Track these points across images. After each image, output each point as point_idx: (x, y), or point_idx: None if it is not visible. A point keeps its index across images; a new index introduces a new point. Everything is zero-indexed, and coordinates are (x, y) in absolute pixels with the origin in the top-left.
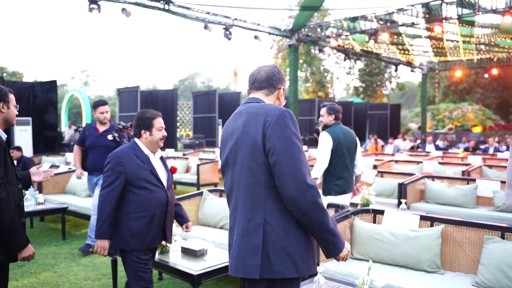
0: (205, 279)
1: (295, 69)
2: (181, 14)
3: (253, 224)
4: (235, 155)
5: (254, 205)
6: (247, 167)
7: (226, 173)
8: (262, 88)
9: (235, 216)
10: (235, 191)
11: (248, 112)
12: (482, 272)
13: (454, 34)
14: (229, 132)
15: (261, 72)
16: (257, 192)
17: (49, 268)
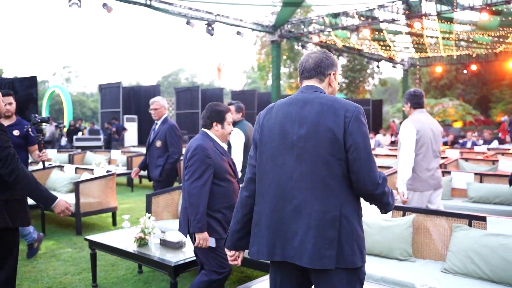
0: (184, 270)
1: (277, 65)
2: (163, 10)
3: (330, 217)
4: (304, 145)
5: (329, 198)
6: (323, 160)
7: (276, 158)
8: (312, 77)
9: (293, 207)
10: (295, 181)
11: (320, 102)
12: (450, 259)
13: (434, 30)
14: (291, 118)
15: (309, 60)
16: (333, 185)
17: (28, 263)
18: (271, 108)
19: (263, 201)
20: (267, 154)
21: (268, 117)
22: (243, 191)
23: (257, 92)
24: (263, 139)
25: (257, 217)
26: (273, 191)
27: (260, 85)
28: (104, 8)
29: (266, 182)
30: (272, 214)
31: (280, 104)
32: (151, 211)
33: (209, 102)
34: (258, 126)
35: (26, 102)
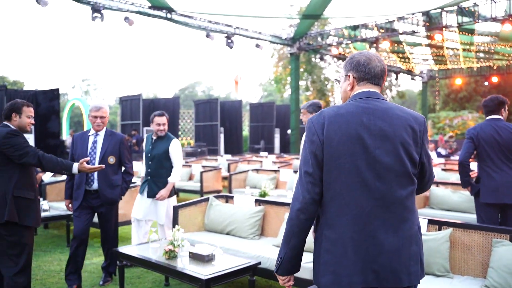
0: (214, 283)
1: (296, 77)
2: (183, 23)
3: (414, 232)
4: (387, 161)
5: (411, 213)
6: (406, 176)
7: (354, 175)
8: (378, 84)
9: (376, 226)
10: (377, 199)
11: (397, 115)
12: (491, 275)
13: (454, 42)
14: (369, 130)
15: (378, 65)
16: (412, 200)
17: (55, 274)
18: (333, 117)
19: (338, 225)
20: (339, 171)
21: (334, 128)
22: (300, 213)
23: (275, 105)
24: (332, 154)
25: (328, 243)
26: (351, 212)
27: (276, 98)
28: (125, 21)
29: (340, 203)
30: (351, 239)
31: (345, 113)
32: (177, 223)
33: (228, 114)
34: (317, 138)
35: (48, 115)
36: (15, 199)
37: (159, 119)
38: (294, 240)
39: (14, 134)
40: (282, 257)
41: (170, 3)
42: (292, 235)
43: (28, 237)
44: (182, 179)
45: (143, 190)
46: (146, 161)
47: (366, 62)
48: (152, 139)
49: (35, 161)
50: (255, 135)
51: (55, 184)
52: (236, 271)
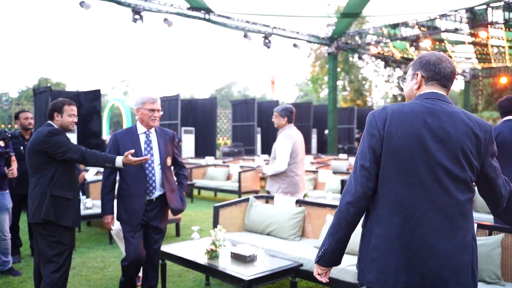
0: (256, 284)
1: (334, 77)
2: (221, 24)
3: (467, 241)
4: (447, 165)
5: (466, 221)
6: (466, 183)
7: (411, 175)
8: (446, 86)
9: (428, 230)
10: (432, 202)
11: (462, 120)
12: None
13: (500, 39)
14: (432, 131)
15: (448, 66)
16: (470, 209)
17: (98, 271)
18: (396, 114)
19: (389, 223)
20: (397, 169)
21: (395, 124)
22: (350, 207)
23: (312, 105)
24: (391, 150)
25: (378, 240)
26: (403, 211)
27: (312, 98)
28: (165, 22)
29: (393, 201)
30: (399, 237)
31: (409, 111)
32: (218, 222)
33: (265, 115)
34: (378, 132)
35: (90, 115)
36: (53, 198)
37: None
38: (340, 233)
39: (55, 133)
40: (326, 248)
41: (209, 4)
42: (339, 228)
43: (68, 237)
44: (220, 179)
45: None
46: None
47: (437, 62)
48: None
49: (78, 155)
50: None
51: (98, 182)
52: (278, 273)
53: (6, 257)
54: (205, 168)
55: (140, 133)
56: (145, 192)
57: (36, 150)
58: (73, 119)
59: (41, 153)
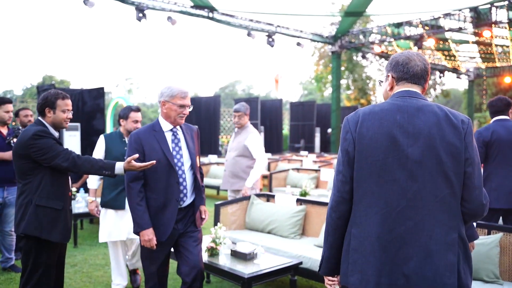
0: (256, 282)
1: (337, 76)
2: (225, 22)
3: (451, 240)
4: (421, 159)
5: (450, 218)
6: (443, 176)
7: (384, 174)
8: (417, 83)
9: (407, 228)
10: (409, 199)
11: (433, 111)
12: None
13: (504, 38)
14: (402, 128)
15: (418, 64)
16: (453, 204)
17: (100, 268)
18: (367, 115)
19: (366, 224)
20: (370, 170)
21: (367, 125)
22: (331, 212)
23: (316, 104)
24: (364, 151)
25: (356, 241)
26: (380, 211)
27: (316, 96)
28: (168, 21)
29: (369, 201)
30: (378, 238)
31: (379, 110)
32: (219, 221)
33: (268, 113)
34: (350, 135)
35: (93, 112)
36: (39, 209)
37: (137, 115)
38: (329, 240)
39: (42, 135)
40: (322, 256)
41: (212, 2)
42: (328, 234)
43: (45, 253)
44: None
45: (121, 203)
46: None
47: (405, 61)
48: (124, 139)
49: (68, 163)
50: (295, 134)
51: None
52: (277, 270)
53: (9, 254)
54: (207, 166)
55: (165, 130)
56: (176, 201)
57: (20, 154)
58: (68, 115)
59: (26, 158)
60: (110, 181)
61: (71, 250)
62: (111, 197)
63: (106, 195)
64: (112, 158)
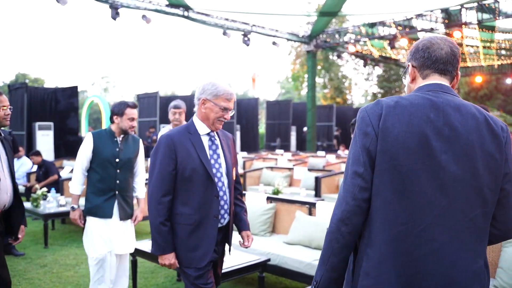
0: (224, 279)
1: (313, 75)
2: (200, 21)
3: (477, 269)
4: (456, 169)
5: (477, 243)
6: (478, 193)
7: (409, 182)
8: (446, 73)
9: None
10: (436, 216)
11: (472, 114)
12: (500, 275)
13: (474, 39)
14: (436, 129)
15: (441, 47)
16: (483, 226)
17: (70, 268)
18: (392, 108)
19: (382, 241)
20: (393, 175)
21: (392, 121)
22: (341, 225)
23: (292, 102)
24: (387, 152)
25: (369, 263)
26: (399, 228)
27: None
28: (143, 19)
29: (387, 214)
30: (396, 259)
31: (408, 104)
32: None
33: (245, 112)
34: (373, 130)
35: (67, 111)
36: None
37: (133, 112)
38: (332, 260)
39: None
40: (318, 281)
41: (187, 1)
42: (331, 253)
43: None
44: None
45: (108, 211)
46: (109, 169)
47: (426, 45)
48: (116, 138)
49: None
50: (271, 133)
51: None
52: (246, 267)
53: None
54: None
55: (202, 134)
56: (215, 218)
57: None
58: (5, 113)
59: None
60: (96, 186)
61: (41, 251)
62: (96, 203)
63: (90, 201)
64: (102, 160)
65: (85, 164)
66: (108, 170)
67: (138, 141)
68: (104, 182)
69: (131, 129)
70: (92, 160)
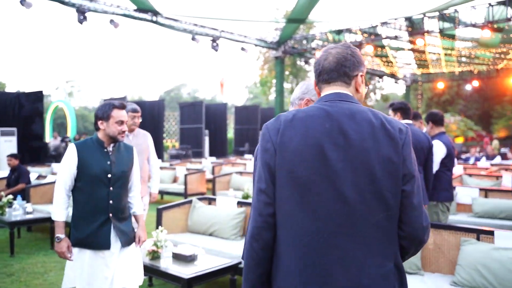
0: (196, 283)
1: (281, 81)
2: (168, 26)
3: (386, 271)
4: (353, 176)
5: (385, 246)
6: (379, 197)
7: (309, 193)
8: (334, 80)
9: (336, 258)
10: (339, 225)
11: (368, 119)
12: (459, 272)
13: (436, 47)
14: (331, 138)
15: (328, 57)
16: (389, 229)
17: (39, 276)
18: (289, 121)
19: (288, 256)
20: (292, 188)
21: (289, 134)
22: (253, 241)
23: (260, 108)
24: (285, 165)
25: (281, 276)
26: (304, 240)
27: (262, 100)
28: (111, 24)
29: (292, 226)
30: (304, 271)
31: (306, 116)
32: (161, 224)
33: (213, 117)
34: (271, 145)
35: (32, 116)
36: None
37: (121, 114)
38: (251, 278)
39: None
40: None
41: (156, 6)
42: (248, 271)
43: None
44: (166, 182)
45: (105, 240)
46: (100, 187)
47: (316, 61)
48: (105, 149)
49: None
50: (240, 138)
51: (39, 186)
52: (217, 271)
53: None
54: None
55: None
56: None
57: None
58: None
59: None
60: (85, 209)
61: (7, 260)
62: (88, 232)
63: (80, 229)
64: (90, 177)
65: (68, 183)
66: (98, 189)
67: (132, 150)
68: (94, 204)
69: (121, 135)
70: (77, 177)
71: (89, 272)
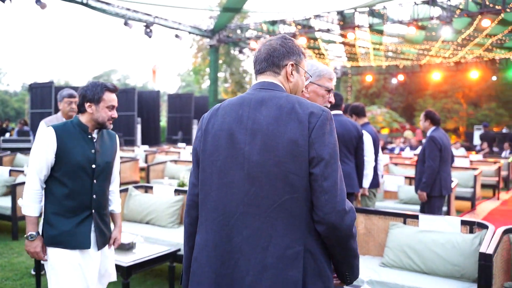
0: (135, 270)
1: (215, 69)
2: (100, 9)
3: (292, 253)
4: (258, 158)
5: (291, 228)
6: (283, 179)
7: (223, 174)
8: (264, 70)
9: (244, 238)
10: (247, 205)
11: (279, 104)
12: (387, 254)
13: (366, 41)
14: (241, 123)
15: (261, 49)
16: (297, 211)
17: None
18: (216, 110)
19: (205, 231)
20: (211, 170)
21: (213, 121)
22: (185, 217)
23: (193, 96)
24: (207, 149)
25: (197, 249)
26: (218, 218)
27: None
28: (37, 4)
29: (209, 205)
30: (215, 248)
31: (228, 104)
32: None
33: (145, 104)
34: (200, 132)
35: None
36: None
37: (113, 98)
38: (185, 248)
39: None
40: (182, 267)
41: None
42: (184, 244)
43: None
44: None
45: (84, 239)
46: (82, 179)
47: (258, 50)
48: (90, 135)
49: None
50: (173, 126)
51: None
52: (156, 258)
53: None
54: None
55: None
56: None
57: None
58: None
59: None
60: (63, 204)
61: None
62: (65, 229)
63: (54, 225)
64: (72, 166)
65: (44, 172)
66: (80, 181)
67: (115, 137)
68: (75, 199)
69: (110, 121)
70: (55, 167)
71: (66, 272)
